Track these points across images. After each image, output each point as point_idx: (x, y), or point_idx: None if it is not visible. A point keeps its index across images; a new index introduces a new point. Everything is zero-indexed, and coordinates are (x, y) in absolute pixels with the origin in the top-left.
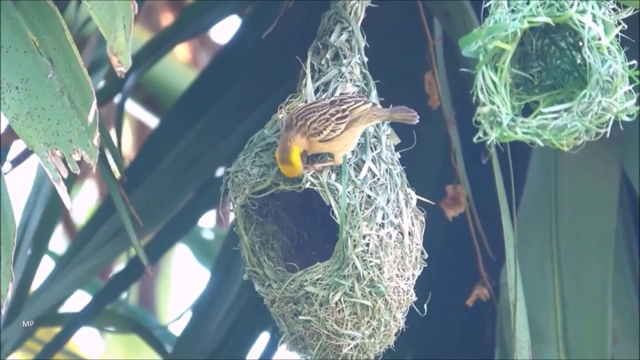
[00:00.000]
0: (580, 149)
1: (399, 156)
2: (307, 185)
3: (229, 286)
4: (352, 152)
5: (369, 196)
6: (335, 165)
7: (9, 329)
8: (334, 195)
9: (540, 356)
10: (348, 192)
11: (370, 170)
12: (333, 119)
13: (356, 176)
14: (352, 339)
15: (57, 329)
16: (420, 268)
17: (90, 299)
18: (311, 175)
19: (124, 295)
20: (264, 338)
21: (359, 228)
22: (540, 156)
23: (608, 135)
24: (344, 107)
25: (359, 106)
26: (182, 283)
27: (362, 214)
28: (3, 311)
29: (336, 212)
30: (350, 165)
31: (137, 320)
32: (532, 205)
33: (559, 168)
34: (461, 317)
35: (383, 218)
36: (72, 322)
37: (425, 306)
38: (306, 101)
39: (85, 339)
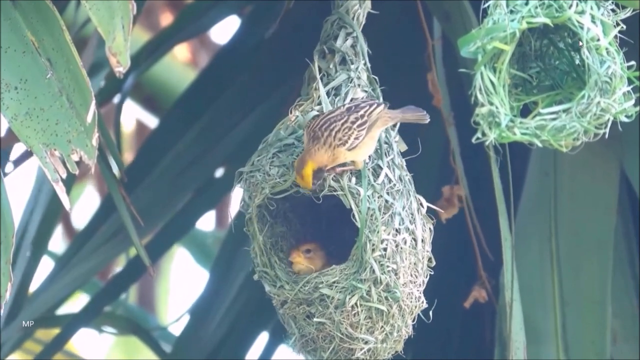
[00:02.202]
0: (579, 150)
1: (404, 163)
2: (326, 192)
3: (228, 287)
4: (369, 157)
5: (387, 201)
6: (355, 170)
7: (8, 329)
8: (355, 199)
9: (539, 356)
10: (368, 196)
11: (386, 175)
12: (354, 126)
13: (375, 181)
14: (366, 342)
15: (56, 330)
16: (427, 275)
17: (89, 300)
18: (332, 179)
19: (123, 295)
20: (262, 338)
21: (377, 232)
22: (540, 156)
23: (607, 135)
24: (361, 112)
25: (374, 109)
26: (181, 283)
27: (381, 219)
28: (2, 311)
29: (357, 216)
30: (369, 169)
31: (136, 320)
32: (532, 205)
33: (558, 168)
34: (461, 317)
35: (399, 224)
36: (71, 323)
37: (430, 313)
38: (319, 104)
39: (85, 340)
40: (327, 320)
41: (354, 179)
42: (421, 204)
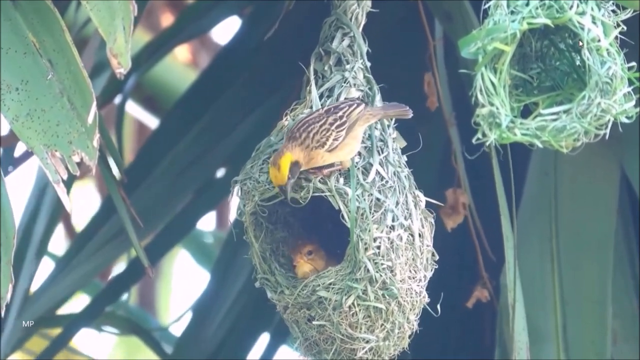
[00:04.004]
0: (579, 150)
1: (405, 159)
2: (313, 193)
3: (228, 288)
4: (360, 155)
5: (378, 199)
6: (344, 170)
7: (9, 329)
8: (343, 199)
9: (539, 356)
10: (357, 195)
11: (378, 173)
12: (332, 127)
13: (364, 179)
14: (367, 342)
15: (57, 331)
16: (432, 270)
17: (90, 300)
18: (319, 181)
19: (124, 296)
20: (263, 339)
21: (369, 231)
22: (540, 157)
23: (607, 136)
24: (340, 113)
25: (353, 109)
26: (182, 284)
27: (372, 217)
28: (3, 312)
29: (346, 216)
30: (358, 168)
31: (137, 321)
32: (532, 205)
33: (558, 168)
34: (461, 317)
35: (393, 220)
36: (72, 324)
37: (438, 307)
38: (311, 107)
39: (87, 340)
40: (326, 322)
41: (342, 180)
42: (419, 199)
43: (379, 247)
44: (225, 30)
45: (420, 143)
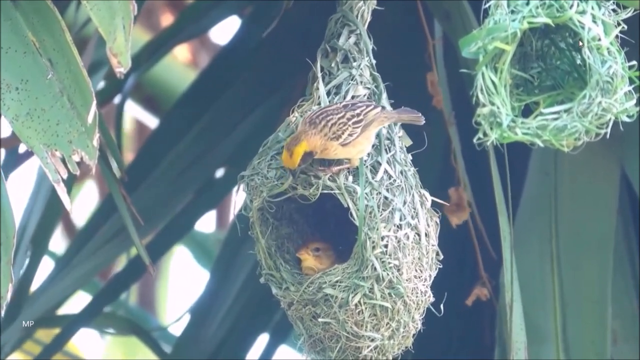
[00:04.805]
0: (580, 150)
1: (410, 157)
2: (322, 190)
3: (228, 287)
4: (368, 154)
5: (386, 198)
6: (352, 168)
7: (9, 329)
8: (352, 197)
9: (539, 356)
10: (366, 193)
11: (386, 171)
12: (350, 122)
13: (373, 178)
14: (372, 340)
15: (56, 330)
16: (436, 269)
17: (89, 300)
18: (328, 179)
19: (123, 295)
20: (263, 339)
21: (377, 230)
22: (540, 156)
23: (608, 135)
24: (357, 111)
25: (370, 110)
26: (181, 284)
27: (380, 216)
28: (3, 312)
29: (354, 214)
30: (367, 167)
31: (136, 321)
32: (532, 205)
33: (558, 168)
34: (461, 317)
35: (400, 219)
36: (72, 324)
37: (441, 307)
38: (319, 104)
39: (86, 340)
40: (332, 320)
41: (350, 178)
42: (425, 198)
43: (386, 246)
44: (225, 30)
45: (424, 142)
